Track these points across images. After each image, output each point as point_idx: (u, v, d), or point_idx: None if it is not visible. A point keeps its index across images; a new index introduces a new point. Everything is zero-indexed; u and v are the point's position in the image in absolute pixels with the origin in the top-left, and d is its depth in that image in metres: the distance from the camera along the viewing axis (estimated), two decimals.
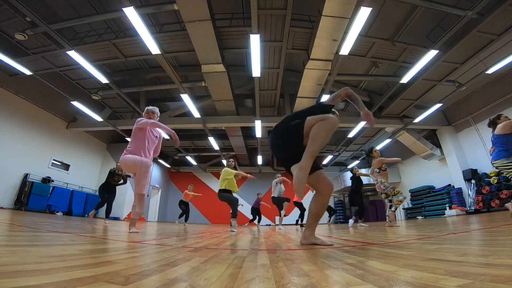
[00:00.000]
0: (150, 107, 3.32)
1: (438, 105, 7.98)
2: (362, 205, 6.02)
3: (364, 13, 4.49)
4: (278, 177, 6.65)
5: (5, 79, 7.25)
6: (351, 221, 5.88)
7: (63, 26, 5.67)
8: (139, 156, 2.94)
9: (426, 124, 9.37)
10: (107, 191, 5.65)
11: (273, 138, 1.91)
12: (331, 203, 14.80)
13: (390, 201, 4.91)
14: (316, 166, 1.86)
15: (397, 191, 4.75)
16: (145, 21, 4.85)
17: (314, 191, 1.88)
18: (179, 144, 3.08)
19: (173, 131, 3.01)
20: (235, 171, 4.64)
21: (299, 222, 7.69)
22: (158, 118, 3.37)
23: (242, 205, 8.10)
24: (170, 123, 9.16)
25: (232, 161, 4.82)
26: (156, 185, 14.07)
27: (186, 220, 8.44)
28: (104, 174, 11.22)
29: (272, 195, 6.65)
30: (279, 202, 6.51)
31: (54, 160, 9.05)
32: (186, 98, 7.37)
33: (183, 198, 8.60)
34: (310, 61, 6.02)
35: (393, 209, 4.83)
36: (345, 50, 5.53)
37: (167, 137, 3.08)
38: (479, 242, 1.59)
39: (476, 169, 8.31)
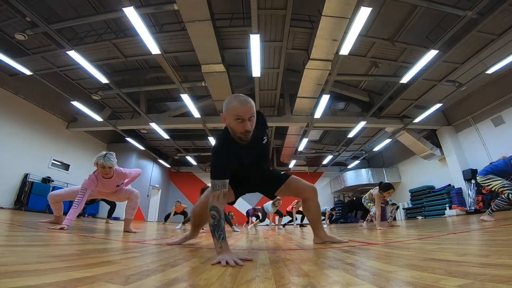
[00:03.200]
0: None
1: (438, 105, 7.98)
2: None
3: (364, 13, 4.49)
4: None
5: (5, 79, 7.25)
6: (364, 223, 5.95)
7: (63, 26, 5.67)
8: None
9: (426, 124, 9.36)
10: None
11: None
12: (330, 203, 14.80)
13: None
14: (278, 177, 1.75)
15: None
16: (145, 21, 4.84)
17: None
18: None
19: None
20: None
21: (300, 223, 8.04)
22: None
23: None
24: (170, 123, 9.18)
25: None
26: (156, 185, 14.06)
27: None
28: None
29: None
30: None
31: (54, 160, 9.05)
32: (186, 98, 7.36)
33: (177, 211, 8.52)
34: (310, 61, 6.01)
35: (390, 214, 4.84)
36: (345, 50, 5.53)
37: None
38: (479, 242, 1.59)
39: (476, 169, 8.29)
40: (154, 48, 5.53)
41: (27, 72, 6.57)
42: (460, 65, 6.52)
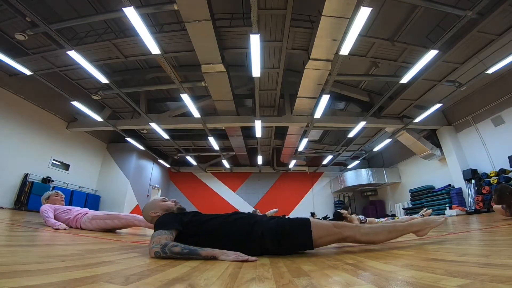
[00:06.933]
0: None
1: (438, 105, 7.98)
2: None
3: (364, 13, 4.48)
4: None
5: (5, 79, 7.25)
6: None
7: (63, 26, 5.66)
8: None
9: (426, 124, 9.36)
10: None
11: None
12: (330, 203, 14.85)
13: None
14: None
15: None
16: (145, 21, 4.84)
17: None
18: None
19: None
20: None
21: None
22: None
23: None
24: (170, 123, 9.18)
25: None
26: (156, 185, 14.07)
27: None
28: (105, 174, 11.29)
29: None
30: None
31: (54, 160, 9.05)
32: (186, 98, 7.36)
33: None
34: (310, 61, 6.01)
35: None
36: (345, 50, 5.52)
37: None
38: (479, 242, 1.59)
39: (476, 169, 8.31)
40: (154, 48, 5.52)
41: (27, 72, 6.57)
42: (460, 65, 6.52)
